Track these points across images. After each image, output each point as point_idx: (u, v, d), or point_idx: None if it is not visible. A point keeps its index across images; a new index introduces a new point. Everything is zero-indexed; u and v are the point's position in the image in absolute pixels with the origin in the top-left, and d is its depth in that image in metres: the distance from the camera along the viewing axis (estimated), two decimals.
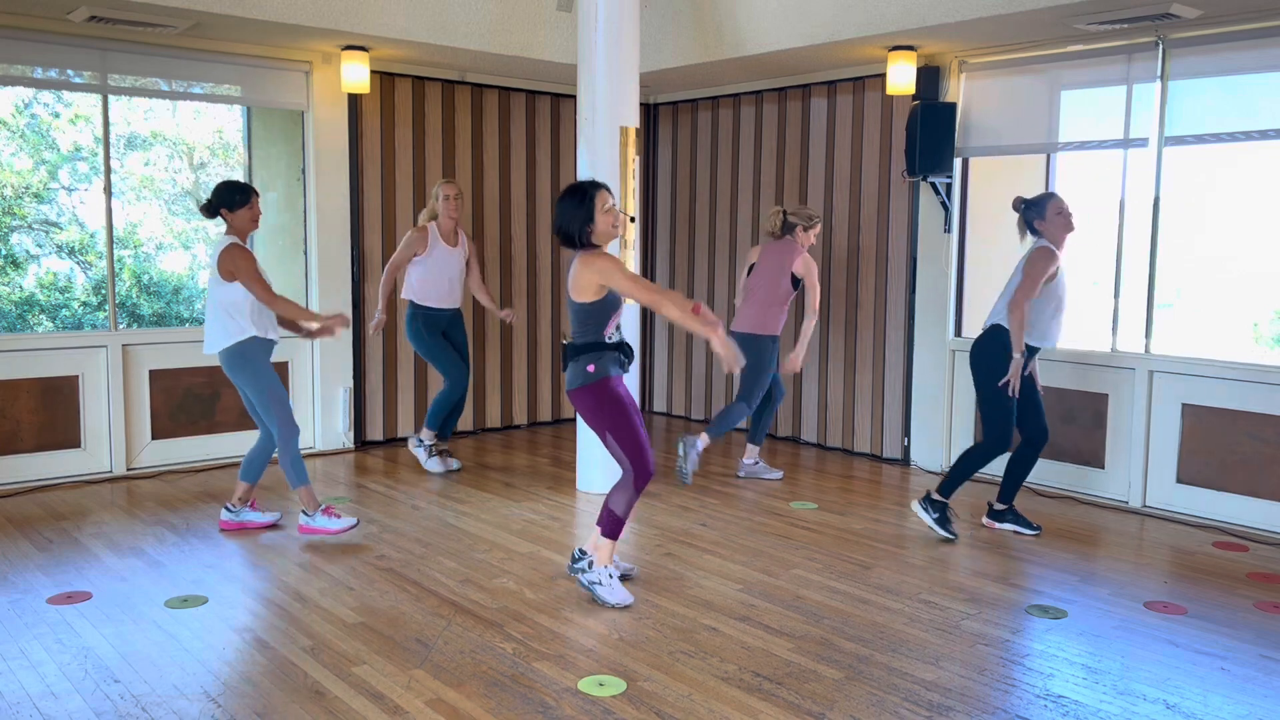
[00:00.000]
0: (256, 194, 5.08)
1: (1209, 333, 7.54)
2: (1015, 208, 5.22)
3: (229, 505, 5.29)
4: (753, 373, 6.14)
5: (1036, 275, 5.00)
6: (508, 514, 5.63)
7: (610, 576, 4.30)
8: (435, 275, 6.31)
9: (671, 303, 4.00)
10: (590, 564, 4.35)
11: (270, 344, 5.08)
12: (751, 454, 6.53)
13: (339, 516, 5.14)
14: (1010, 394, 5.06)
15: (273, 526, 5.30)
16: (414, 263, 6.31)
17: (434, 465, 6.56)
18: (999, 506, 5.41)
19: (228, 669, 3.62)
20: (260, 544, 5.05)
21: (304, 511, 5.14)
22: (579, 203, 4.14)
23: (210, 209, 5.04)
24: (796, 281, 6.17)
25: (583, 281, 4.15)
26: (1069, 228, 5.09)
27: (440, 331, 6.43)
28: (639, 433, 4.24)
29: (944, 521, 5.23)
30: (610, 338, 4.25)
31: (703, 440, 6.13)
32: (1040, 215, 5.10)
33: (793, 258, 6.13)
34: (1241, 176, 6.67)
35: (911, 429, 6.84)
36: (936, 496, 5.28)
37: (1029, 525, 5.34)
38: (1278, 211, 6.59)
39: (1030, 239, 5.18)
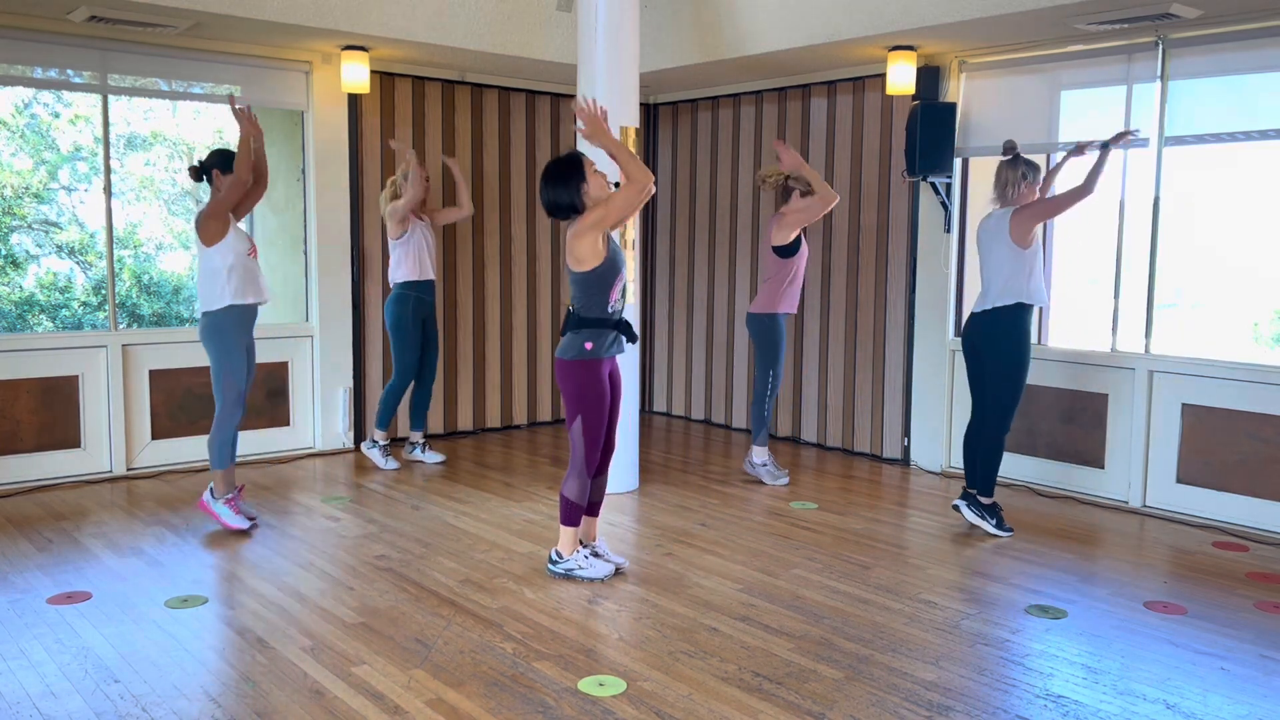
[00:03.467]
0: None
1: (1210, 333, 7.53)
2: (1009, 150, 5.26)
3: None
4: (759, 352, 6.28)
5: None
6: (508, 514, 5.63)
7: (586, 558, 4.56)
8: (418, 248, 6.49)
9: (633, 173, 4.19)
10: (559, 555, 4.56)
11: (251, 309, 5.17)
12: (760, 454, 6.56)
13: (239, 513, 5.21)
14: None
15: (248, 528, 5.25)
16: (398, 243, 6.47)
17: (392, 463, 6.60)
18: (986, 500, 5.37)
19: (228, 669, 3.62)
20: (260, 544, 5.05)
21: (211, 491, 5.23)
22: (573, 168, 4.27)
23: (202, 171, 5.18)
24: (783, 251, 6.11)
25: (583, 247, 4.24)
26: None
27: (423, 320, 6.58)
28: (601, 431, 4.40)
29: (1001, 523, 5.29)
30: (614, 309, 4.32)
31: (756, 454, 6.34)
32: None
33: (771, 228, 6.16)
34: (1241, 176, 6.65)
35: (911, 429, 6.84)
36: (985, 500, 5.30)
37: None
38: (1278, 211, 6.58)
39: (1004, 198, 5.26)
